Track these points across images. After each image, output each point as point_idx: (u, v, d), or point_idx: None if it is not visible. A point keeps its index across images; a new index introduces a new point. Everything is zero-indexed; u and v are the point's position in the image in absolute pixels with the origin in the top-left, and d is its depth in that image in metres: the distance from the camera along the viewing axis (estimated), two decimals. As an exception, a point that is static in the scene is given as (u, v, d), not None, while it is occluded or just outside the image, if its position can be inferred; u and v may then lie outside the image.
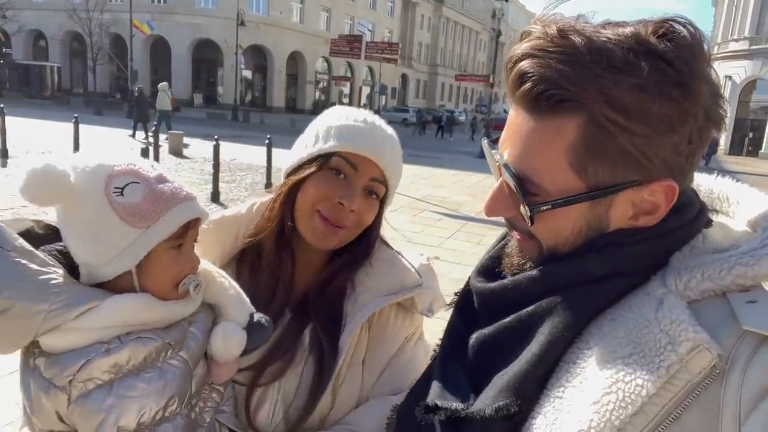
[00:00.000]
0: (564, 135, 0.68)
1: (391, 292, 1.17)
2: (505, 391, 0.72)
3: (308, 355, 1.13)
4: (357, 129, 1.13)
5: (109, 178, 0.91)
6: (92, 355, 0.88)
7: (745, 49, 38.36)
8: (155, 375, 0.92)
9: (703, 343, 0.60)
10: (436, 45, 75.73)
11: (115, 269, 0.92)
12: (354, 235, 1.16)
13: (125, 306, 0.91)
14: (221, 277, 1.09)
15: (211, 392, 1.05)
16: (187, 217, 0.96)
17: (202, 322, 1.03)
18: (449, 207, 10.98)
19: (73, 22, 40.30)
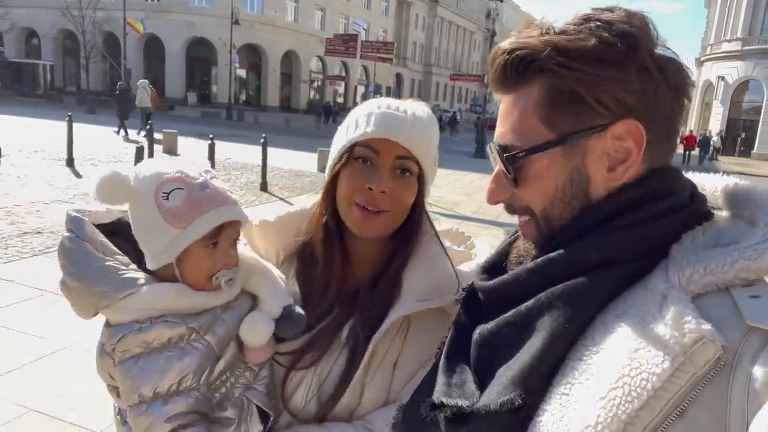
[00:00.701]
0: (531, 95, 0.78)
1: (424, 297, 1.16)
2: (510, 385, 0.72)
3: (344, 348, 1.17)
4: (373, 116, 1.16)
5: (160, 184, 1.08)
6: (127, 332, 1.05)
7: (738, 49, 38.62)
8: (176, 354, 1.06)
9: (707, 335, 0.61)
10: (430, 45, 75.81)
11: (160, 261, 1.10)
12: (398, 218, 1.18)
13: (159, 293, 1.07)
14: (264, 269, 1.21)
15: (245, 371, 1.16)
16: (219, 221, 1.09)
17: (238, 310, 1.15)
18: (444, 206, 10.99)
19: (66, 20, 40.08)
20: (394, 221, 1.18)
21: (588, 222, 0.76)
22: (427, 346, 1.15)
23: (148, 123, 18.11)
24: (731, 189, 0.82)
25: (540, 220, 0.81)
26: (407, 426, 0.93)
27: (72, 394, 3.53)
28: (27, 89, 38.48)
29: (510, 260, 0.89)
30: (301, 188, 11.90)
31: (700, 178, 0.86)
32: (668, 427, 0.62)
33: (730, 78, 38.96)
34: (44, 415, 3.32)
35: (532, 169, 0.79)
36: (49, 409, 3.37)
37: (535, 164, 0.79)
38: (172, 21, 43.15)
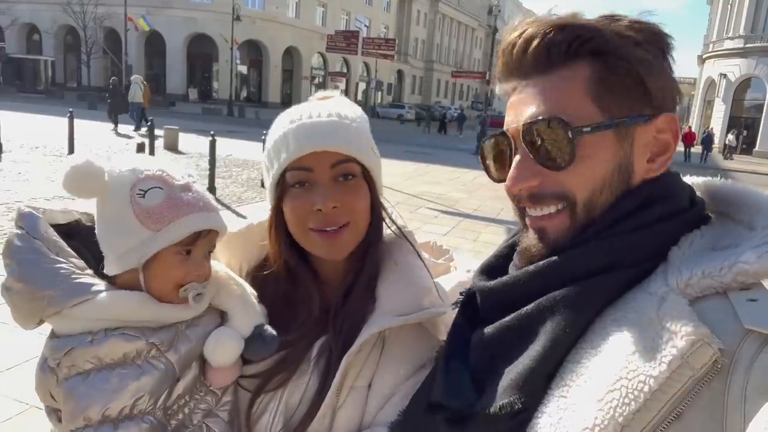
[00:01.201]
0: (579, 74, 0.76)
1: (404, 312, 1.05)
2: (510, 389, 0.72)
3: (314, 369, 1.08)
4: (287, 135, 1.06)
5: (138, 180, 0.99)
6: (77, 344, 0.94)
7: (740, 47, 38.50)
8: (130, 372, 0.95)
9: (703, 338, 0.61)
10: (432, 41, 75.64)
11: (124, 264, 0.98)
12: (361, 226, 1.09)
13: (117, 301, 0.96)
14: (236, 284, 1.11)
15: (206, 395, 1.05)
16: (198, 227, 1.00)
17: (202, 327, 1.05)
18: (445, 204, 10.98)
19: (67, 15, 40.05)
20: (357, 232, 1.08)
21: (627, 210, 0.76)
22: (404, 365, 1.07)
23: (145, 119, 18.37)
24: (727, 191, 0.81)
25: (581, 208, 0.77)
26: (406, 427, 0.92)
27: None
28: (28, 85, 38.46)
29: (516, 262, 0.87)
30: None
31: (697, 181, 0.86)
32: (665, 430, 0.62)
33: (732, 76, 38.84)
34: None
35: (584, 149, 0.75)
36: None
37: (587, 145, 0.75)
38: (173, 17, 43.07)
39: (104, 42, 42.36)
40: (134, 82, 20.07)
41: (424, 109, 48.67)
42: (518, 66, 0.80)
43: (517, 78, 0.81)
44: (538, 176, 0.78)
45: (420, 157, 19.12)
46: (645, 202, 0.76)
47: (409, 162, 17.06)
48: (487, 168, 0.89)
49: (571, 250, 0.75)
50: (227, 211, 8.87)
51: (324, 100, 1.14)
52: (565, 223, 0.78)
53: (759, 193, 0.78)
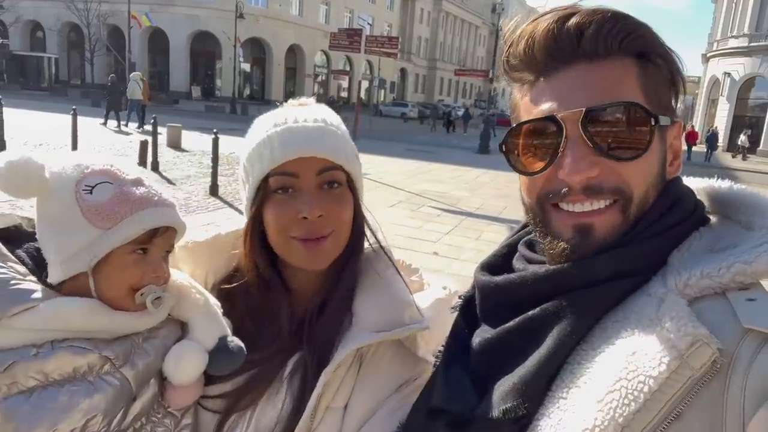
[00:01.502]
0: (631, 68, 0.75)
1: (382, 327, 1.00)
2: (512, 393, 0.72)
3: (288, 387, 1.02)
4: (272, 138, 1.02)
5: (83, 175, 0.91)
6: (18, 358, 0.83)
7: (745, 46, 38.33)
8: (81, 390, 0.85)
9: (702, 338, 0.61)
10: (435, 39, 75.52)
11: (71, 268, 0.89)
12: (343, 236, 1.05)
13: (65, 309, 0.87)
14: (198, 293, 1.03)
15: (164, 417, 0.97)
16: (153, 224, 0.92)
17: (161, 340, 0.96)
18: (448, 202, 10.97)
19: (71, 12, 40.11)
20: (340, 242, 1.05)
21: (661, 211, 0.76)
22: (383, 386, 1.02)
23: (144, 116, 18.63)
24: (725, 193, 0.81)
25: (635, 204, 0.74)
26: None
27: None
28: (32, 82, 38.56)
29: (524, 256, 0.86)
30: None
31: (695, 182, 0.86)
32: (665, 430, 0.62)
33: (736, 74, 38.68)
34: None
35: (652, 141, 0.74)
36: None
37: (653, 138, 0.74)
38: (176, 14, 43.08)
39: (107, 39, 42.36)
40: (133, 79, 20.19)
41: (428, 107, 48.64)
42: (560, 51, 0.75)
43: (557, 62, 0.75)
44: (597, 166, 0.73)
45: (422, 155, 19.10)
46: (672, 204, 0.76)
47: (411, 160, 17.03)
48: (518, 159, 0.81)
49: (594, 257, 0.73)
50: (229, 209, 8.87)
51: (302, 106, 1.10)
52: (616, 219, 0.74)
53: (757, 194, 0.78)
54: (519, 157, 0.81)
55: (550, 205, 0.78)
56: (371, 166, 14.41)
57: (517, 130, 0.80)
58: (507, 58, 0.80)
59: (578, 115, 0.73)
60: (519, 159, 0.81)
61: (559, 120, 0.74)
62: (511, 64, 0.80)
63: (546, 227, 0.78)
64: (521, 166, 0.81)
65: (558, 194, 0.76)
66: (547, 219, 0.78)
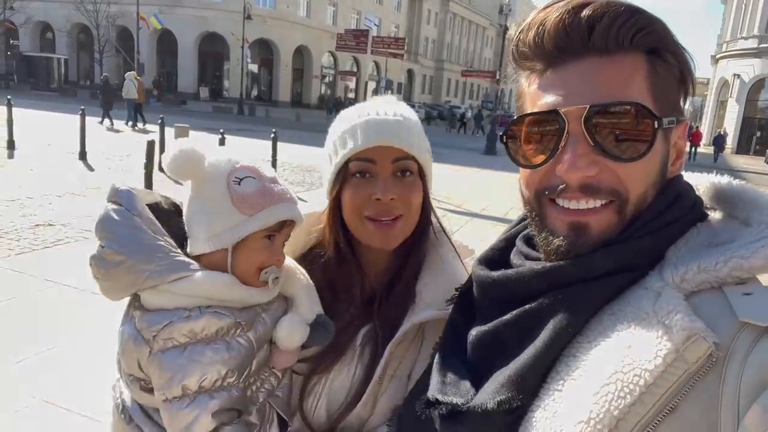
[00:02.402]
0: (640, 66, 0.73)
1: (442, 305, 1.10)
2: (507, 385, 0.72)
3: (359, 356, 1.15)
4: (355, 127, 1.14)
5: (233, 169, 1.07)
6: (175, 318, 0.99)
7: (755, 47, 38.06)
8: (222, 347, 1.02)
9: (699, 332, 0.61)
10: (442, 40, 75.47)
11: (217, 243, 1.05)
12: (412, 220, 1.16)
13: (212, 281, 1.03)
14: (301, 274, 1.19)
15: (270, 376, 1.13)
16: (285, 215, 1.08)
17: (274, 311, 1.13)
18: (453, 203, 10.96)
19: (80, 14, 40.37)
20: (409, 225, 1.16)
21: (659, 209, 0.75)
22: None
23: (141, 115, 19.06)
24: (724, 188, 0.81)
25: (631, 204, 0.74)
26: (403, 424, 0.92)
27: (82, 385, 3.57)
28: (41, 83, 38.85)
29: (521, 251, 0.86)
30: (311, 183, 11.92)
31: (695, 178, 0.86)
32: (660, 423, 0.62)
33: (746, 76, 38.41)
34: (52, 404, 3.37)
35: (654, 143, 0.73)
36: (59, 399, 3.42)
37: (655, 140, 0.73)
38: (185, 16, 43.29)
39: (117, 40, 42.67)
40: (128, 78, 20.49)
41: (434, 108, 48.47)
42: (570, 44, 0.73)
43: (566, 54, 0.74)
44: (596, 165, 0.72)
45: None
46: (672, 202, 0.76)
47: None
48: (519, 151, 0.80)
49: (591, 254, 0.73)
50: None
51: (388, 102, 1.21)
52: (611, 218, 0.74)
53: (756, 190, 0.78)
54: (519, 149, 0.80)
55: (547, 200, 0.77)
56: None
57: (520, 121, 0.79)
58: (517, 46, 0.79)
59: (582, 111, 0.71)
60: (519, 151, 0.80)
61: (562, 115, 0.73)
62: (520, 51, 0.79)
63: (542, 222, 0.78)
64: (521, 158, 0.80)
65: (555, 190, 0.75)
66: (543, 213, 0.78)
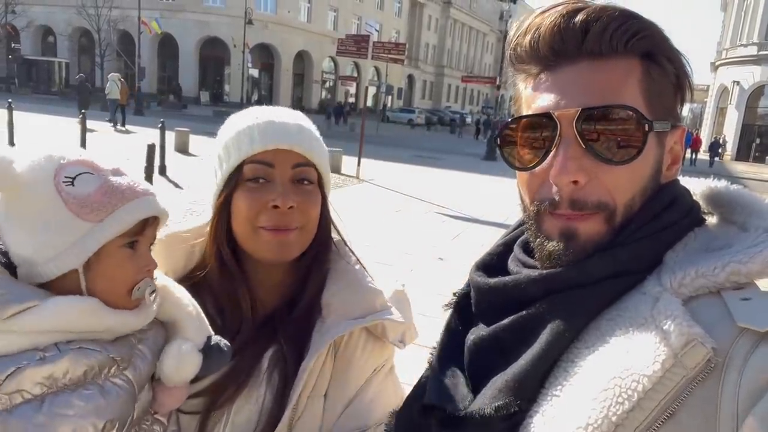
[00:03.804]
0: (634, 70, 0.73)
1: (357, 315, 1.05)
2: (505, 390, 0.72)
3: (267, 381, 1.03)
4: (252, 128, 1.04)
5: (60, 167, 0.83)
6: (24, 363, 0.75)
7: (754, 54, 38.17)
8: (95, 392, 0.79)
9: (697, 338, 0.61)
10: (443, 46, 75.64)
11: (61, 266, 0.82)
12: (310, 232, 1.07)
13: (71, 308, 0.80)
14: (179, 292, 0.98)
15: (153, 424, 0.92)
16: (146, 213, 0.87)
17: (152, 340, 0.91)
18: (452, 208, 10.97)
19: (82, 18, 40.45)
20: (306, 238, 1.06)
21: (651, 214, 0.75)
22: (359, 372, 1.07)
23: (122, 115, 19.49)
24: (721, 193, 0.81)
25: (618, 212, 0.74)
26: (400, 430, 0.91)
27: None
28: (42, 86, 38.97)
29: (518, 258, 0.85)
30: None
31: (692, 183, 0.86)
32: (658, 429, 0.61)
33: (745, 83, 38.51)
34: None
35: (644, 147, 0.72)
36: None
37: (646, 144, 0.72)
38: (186, 20, 43.42)
39: (118, 44, 42.76)
40: (111, 79, 20.71)
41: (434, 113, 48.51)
42: (564, 48, 0.74)
43: (561, 58, 0.75)
44: (585, 171, 0.72)
45: (428, 161, 19.10)
46: (665, 207, 0.76)
47: (417, 166, 17.04)
48: (512, 153, 0.81)
49: (587, 260, 0.73)
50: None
51: (285, 109, 1.14)
52: (600, 227, 0.74)
53: (753, 195, 0.78)
54: (513, 150, 0.81)
55: (543, 209, 0.78)
56: (377, 171, 14.44)
57: (514, 123, 0.80)
58: (514, 49, 0.80)
59: (574, 114, 0.72)
60: (513, 153, 0.81)
61: (555, 117, 0.73)
62: (517, 54, 0.80)
63: (538, 229, 0.79)
64: (514, 160, 0.81)
65: (549, 204, 0.76)
66: (540, 220, 0.79)
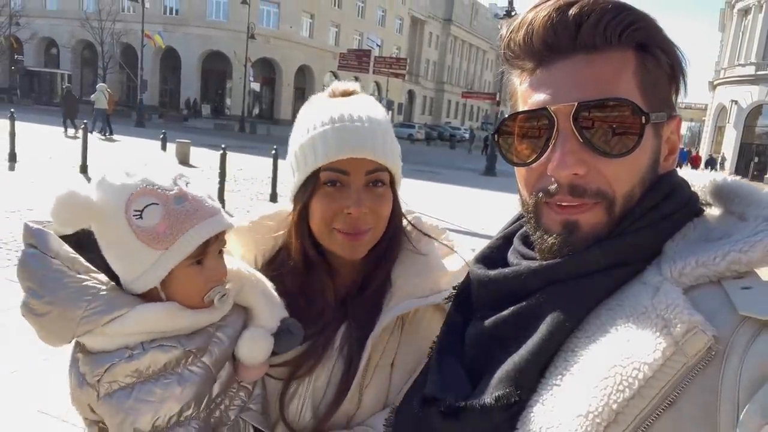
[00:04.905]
0: (629, 62, 0.73)
1: (422, 294, 1.12)
2: (506, 380, 0.72)
3: (339, 354, 1.13)
4: (326, 133, 1.07)
5: (129, 201, 0.95)
6: (116, 360, 0.94)
7: (752, 74, 38.47)
8: (173, 381, 0.96)
9: (698, 325, 0.61)
10: (443, 62, 76.26)
11: (141, 286, 0.98)
12: (380, 230, 1.13)
13: (150, 315, 0.96)
14: (257, 280, 1.11)
15: (239, 390, 1.08)
16: (204, 237, 0.98)
17: (231, 326, 1.06)
18: (452, 222, 10.96)
19: (85, 30, 40.82)
20: (377, 235, 1.13)
21: (650, 205, 0.75)
22: (424, 345, 1.08)
23: (109, 125, 19.74)
24: (720, 184, 0.82)
25: (617, 203, 0.74)
26: (401, 422, 0.92)
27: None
28: (44, 97, 39.13)
29: (519, 250, 0.85)
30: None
31: (690, 175, 0.86)
32: (659, 417, 0.62)
33: (743, 102, 38.76)
34: (47, 415, 3.33)
35: (642, 139, 0.73)
36: (54, 409, 3.38)
37: (643, 136, 0.73)
38: (189, 34, 43.79)
39: (121, 57, 43.07)
40: (99, 89, 20.95)
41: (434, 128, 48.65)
42: (558, 42, 0.74)
43: (555, 53, 0.75)
44: (584, 164, 0.73)
45: (428, 175, 19.15)
46: (664, 197, 0.76)
47: (417, 180, 17.09)
48: (510, 149, 0.81)
49: (587, 250, 0.74)
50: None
51: (348, 96, 1.15)
52: (600, 217, 0.74)
53: (751, 185, 0.78)
54: (511, 147, 0.81)
55: (542, 202, 0.78)
56: (377, 186, 14.40)
57: (511, 119, 0.80)
58: (508, 45, 0.80)
59: (570, 108, 0.72)
60: (511, 149, 0.81)
61: (551, 112, 0.73)
62: (511, 50, 0.80)
63: (537, 222, 0.79)
64: (512, 156, 0.81)
65: (548, 194, 0.76)
66: (539, 214, 0.79)
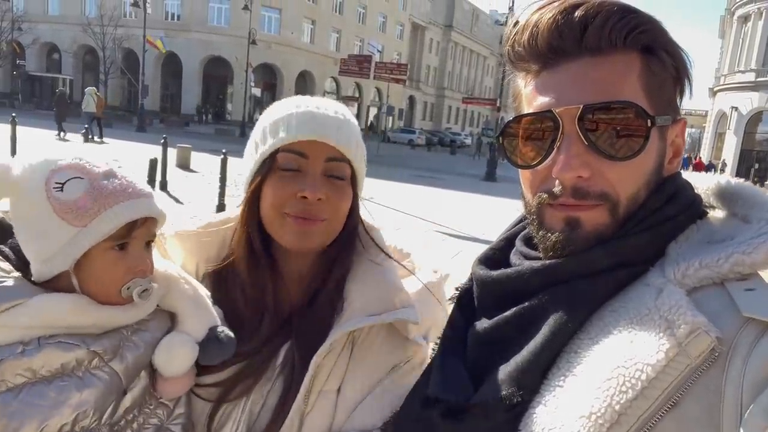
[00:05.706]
0: (634, 65, 0.74)
1: (374, 311, 1.02)
2: (508, 381, 0.72)
3: (278, 374, 1.02)
4: (290, 117, 1.03)
5: (52, 172, 0.87)
6: (6, 355, 0.82)
7: (752, 80, 38.52)
8: (71, 384, 0.85)
9: (701, 327, 0.61)
10: (444, 68, 76.42)
11: (52, 269, 0.87)
12: (336, 228, 1.05)
13: (51, 306, 0.85)
14: (186, 283, 1.01)
15: (157, 408, 0.96)
16: (130, 217, 0.89)
17: (150, 332, 0.95)
18: (453, 227, 10.97)
19: (87, 36, 40.95)
20: (331, 231, 1.05)
21: (654, 207, 0.75)
22: (375, 369, 1.04)
23: (99, 128, 19.95)
24: (724, 187, 0.82)
25: (621, 205, 0.74)
26: (402, 423, 0.91)
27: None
28: (46, 102, 39.16)
29: (521, 251, 0.85)
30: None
31: (694, 177, 0.87)
32: (662, 418, 0.62)
33: (743, 109, 38.78)
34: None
35: (647, 142, 0.73)
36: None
37: (648, 139, 0.73)
38: (190, 39, 43.92)
39: (122, 62, 43.19)
40: (87, 93, 21.13)
41: (434, 134, 48.68)
42: (563, 45, 0.74)
43: (560, 55, 0.75)
44: (588, 167, 0.73)
45: (428, 181, 19.16)
46: (668, 200, 0.76)
47: (417, 186, 17.09)
48: (515, 151, 0.81)
49: (590, 250, 0.74)
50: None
51: (329, 100, 1.12)
52: (603, 217, 0.74)
53: (755, 188, 0.79)
54: (515, 149, 0.81)
55: (545, 203, 0.78)
56: (378, 190, 14.47)
57: (516, 121, 0.80)
58: (512, 46, 0.80)
59: (575, 111, 0.72)
60: (515, 151, 0.81)
61: (556, 115, 0.73)
62: (516, 51, 0.79)
63: (540, 222, 0.79)
64: (517, 158, 0.81)
65: (552, 196, 0.76)
66: (542, 214, 0.79)
